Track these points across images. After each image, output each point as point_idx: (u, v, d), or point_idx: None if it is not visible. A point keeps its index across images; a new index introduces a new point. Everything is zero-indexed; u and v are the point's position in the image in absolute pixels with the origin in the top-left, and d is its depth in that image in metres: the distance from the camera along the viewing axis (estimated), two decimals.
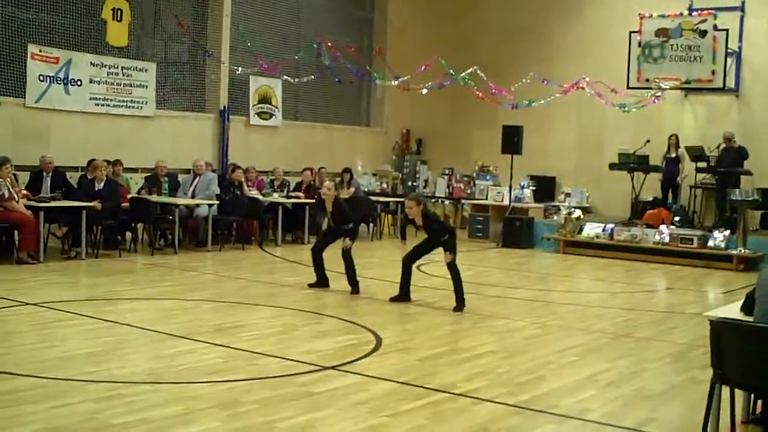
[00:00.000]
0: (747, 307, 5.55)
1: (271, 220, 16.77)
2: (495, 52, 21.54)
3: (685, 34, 18.60)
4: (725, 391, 5.39)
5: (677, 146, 18.02)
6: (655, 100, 18.84)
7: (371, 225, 18.77)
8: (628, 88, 19.14)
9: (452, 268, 10.46)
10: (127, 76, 16.74)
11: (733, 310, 5.74)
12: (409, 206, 10.61)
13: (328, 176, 17.38)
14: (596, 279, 14.53)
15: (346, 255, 11.24)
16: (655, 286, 14.16)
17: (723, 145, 17.38)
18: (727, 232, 15.97)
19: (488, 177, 20.72)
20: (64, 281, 11.67)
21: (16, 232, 12.86)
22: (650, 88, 18.85)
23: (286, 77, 19.45)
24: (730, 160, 17.13)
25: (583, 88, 19.01)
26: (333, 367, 7.28)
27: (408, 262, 10.81)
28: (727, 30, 18.27)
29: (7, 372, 6.70)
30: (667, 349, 8.79)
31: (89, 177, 14.29)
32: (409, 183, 22.18)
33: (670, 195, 18.12)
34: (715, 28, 18.23)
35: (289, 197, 17.04)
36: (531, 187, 19.36)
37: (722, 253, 15.81)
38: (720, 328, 5.23)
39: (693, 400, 6.66)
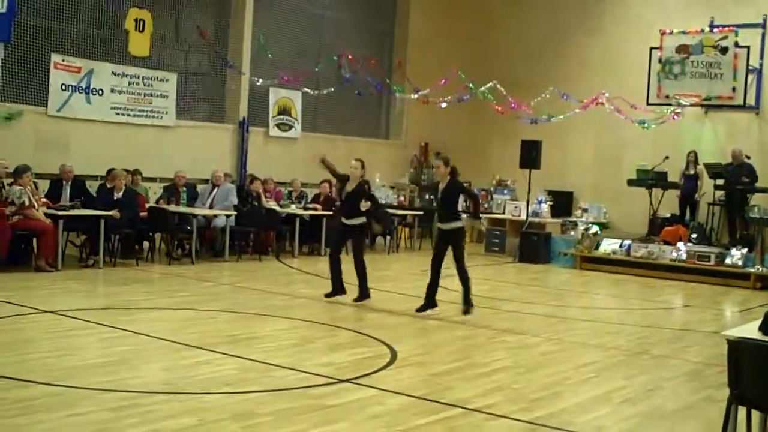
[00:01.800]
0: (766, 327, 5.51)
1: (289, 232, 16.78)
2: (514, 66, 21.53)
3: (706, 50, 18.58)
4: (742, 411, 5.35)
5: (696, 163, 17.96)
6: (675, 117, 18.79)
7: (388, 238, 18.75)
8: (648, 104, 19.12)
9: (461, 269, 10.54)
10: (148, 86, 16.84)
11: (751, 330, 5.69)
12: (436, 165, 10.66)
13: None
14: (613, 295, 14.49)
15: (359, 262, 11.26)
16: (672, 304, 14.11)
17: (732, 162, 17.31)
18: (745, 250, 15.89)
19: (506, 191, 20.70)
20: (82, 289, 11.72)
21: (35, 240, 12.96)
22: (670, 105, 18.82)
23: (306, 89, 19.51)
24: (740, 177, 17.03)
25: (602, 104, 18.97)
26: (348, 380, 7.28)
27: (435, 267, 10.83)
28: (748, 47, 18.23)
29: (23, 379, 6.74)
30: (684, 367, 8.75)
31: (108, 186, 14.37)
32: (427, 196, 22.14)
33: (687, 212, 18.05)
34: (736, 45, 18.20)
35: (306, 209, 17.05)
36: (548, 202, 19.32)
37: (740, 271, 15.74)
38: (738, 348, 5.20)
39: (709, 419, 6.63)
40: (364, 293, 11.35)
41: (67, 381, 6.76)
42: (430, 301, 10.85)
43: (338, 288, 11.54)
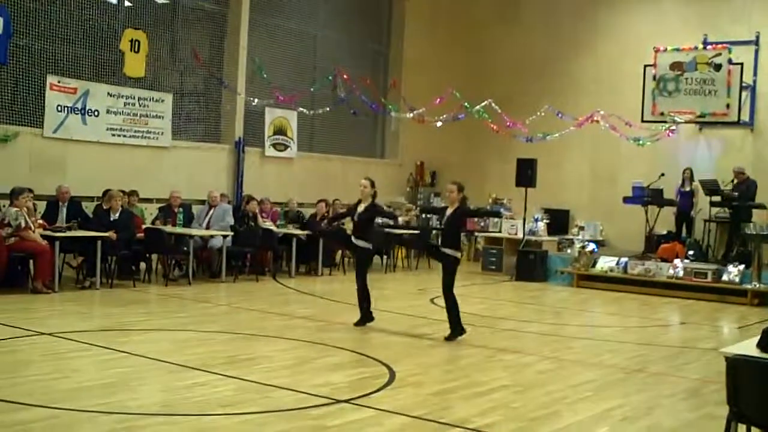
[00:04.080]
0: (764, 344, 5.51)
1: (285, 252, 16.78)
2: (509, 85, 21.61)
3: (700, 67, 18.65)
4: (741, 428, 5.34)
5: (691, 180, 17.98)
6: (670, 134, 18.87)
7: (385, 257, 18.74)
8: (643, 121, 19.19)
9: (448, 295, 10.45)
10: (144, 106, 16.86)
11: (749, 346, 5.69)
12: (450, 189, 10.60)
13: (344, 206, 17.55)
14: (610, 313, 14.47)
15: (363, 286, 11.22)
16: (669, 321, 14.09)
17: (735, 180, 17.32)
18: (742, 267, 15.89)
19: (502, 209, 20.71)
20: (79, 311, 11.69)
21: (31, 262, 12.93)
22: (665, 122, 18.90)
23: (301, 109, 19.56)
24: (743, 194, 17.06)
25: (597, 122, 19.05)
26: (347, 401, 7.26)
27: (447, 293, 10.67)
28: (741, 64, 18.32)
29: (20, 402, 6.70)
30: (682, 384, 8.74)
31: (105, 207, 14.34)
32: (423, 215, 22.16)
33: (684, 229, 18.06)
34: (730, 62, 18.29)
35: (303, 229, 17.05)
36: (545, 220, 19.33)
37: (737, 288, 15.73)
38: (736, 365, 5.20)
39: None
40: (365, 317, 11.27)
41: (65, 403, 6.73)
42: (458, 328, 10.64)
43: (367, 315, 11.32)
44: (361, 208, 11.32)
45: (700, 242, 17.66)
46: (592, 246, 18.00)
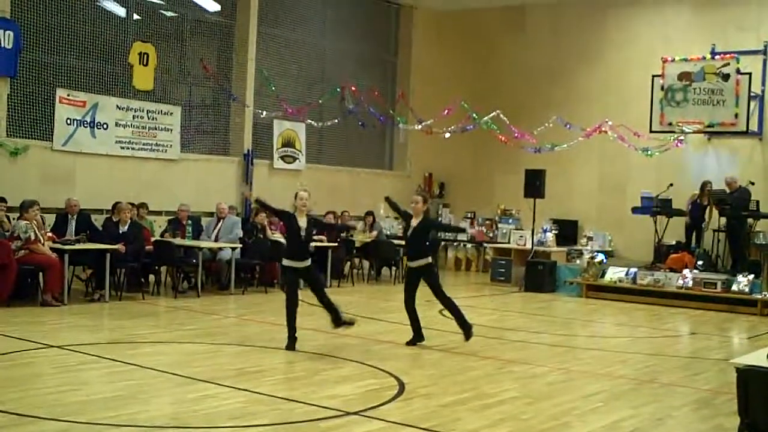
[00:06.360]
0: None
1: None
2: (517, 96, 21.60)
3: (708, 77, 18.63)
4: None
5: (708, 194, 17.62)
6: (678, 144, 18.83)
7: (393, 269, 18.74)
8: (651, 131, 19.16)
9: (443, 299, 10.67)
10: (152, 119, 16.92)
11: (759, 357, 5.68)
12: (415, 200, 10.76)
13: (351, 218, 17.62)
14: (619, 323, 14.43)
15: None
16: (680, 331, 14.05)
17: (728, 190, 17.23)
18: (752, 277, 15.84)
19: (511, 220, 20.70)
20: (88, 324, 11.71)
21: (41, 275, 12.95)
22: (673, 132, 18.86)
23: (310, 121, 19.60)
24: (735, 202, 16.97)
25: (605, 132, 19.03)
26: (356, 413, 7.25)
27: (409, 305, 10.84)
28: (750, 73, 18.29)
29: (30, 415, 6.72)
30: (692, 395, 8.71)
31: (114, 220, 14.37)
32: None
33: (693, 239, 17.97)
34: (738, 71, 18.26)
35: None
36: (553, 231, 19.30)
37: (746, 298, 15.67)
38: (747, 376, 5.19)
39: None
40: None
41: (74, 416, 6.73)
42: (418, 336, 10.85)
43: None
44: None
45: (709, 252, 17.60)
46: (601, 256, 17.95)
